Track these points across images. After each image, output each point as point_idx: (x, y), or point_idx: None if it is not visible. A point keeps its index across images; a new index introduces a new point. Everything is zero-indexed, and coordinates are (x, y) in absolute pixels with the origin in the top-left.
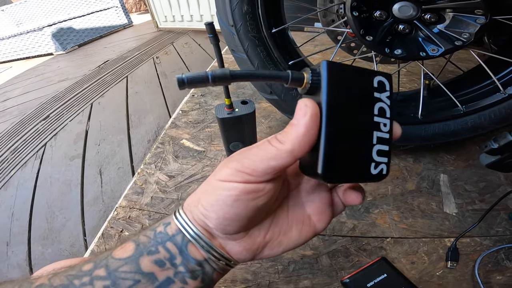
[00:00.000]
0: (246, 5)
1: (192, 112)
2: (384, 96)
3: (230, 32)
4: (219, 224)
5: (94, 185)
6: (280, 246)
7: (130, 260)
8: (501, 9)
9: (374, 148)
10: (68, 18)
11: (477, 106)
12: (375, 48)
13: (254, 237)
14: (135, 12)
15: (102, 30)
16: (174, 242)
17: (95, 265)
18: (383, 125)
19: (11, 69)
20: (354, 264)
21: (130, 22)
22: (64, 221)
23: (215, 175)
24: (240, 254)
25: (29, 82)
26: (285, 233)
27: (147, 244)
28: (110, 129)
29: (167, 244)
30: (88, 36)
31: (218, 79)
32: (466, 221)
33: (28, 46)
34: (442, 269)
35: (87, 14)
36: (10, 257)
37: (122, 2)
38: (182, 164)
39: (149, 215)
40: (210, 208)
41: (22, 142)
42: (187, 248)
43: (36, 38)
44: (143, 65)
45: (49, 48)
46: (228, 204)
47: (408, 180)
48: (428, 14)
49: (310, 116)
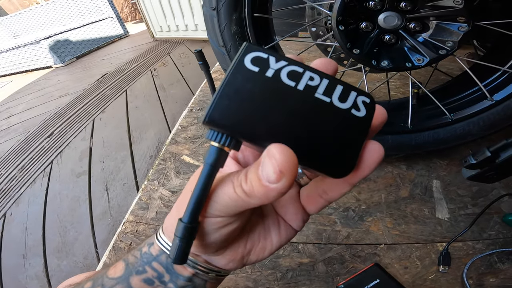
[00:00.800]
0: (234, 25)
1: (191, 127)
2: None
3: (221, 53)
4: (197, 249)
5: (102, 201)
6: (264, 251)
7: (121, 280)
8: (484, 15)
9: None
10: (64, 30)
11: (465, 114)
12: (362, 60)
13: (235, 249)
14: (131, 21)
15: (99, 41)
16: (159, 261)
17: (93, 284)
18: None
19: (11, 83)
20: (349, 270)
21: (126, 32)
22: (76, 234)
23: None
24: (227, 266)
25: (31, 97)
26: (265, 238)
27: (135, 264)
28: (113, 145)
29: (153, 264)
30: (85, 48)
31: None
32: (459, 226)
33: (27, 59)
34: (434, 273)
35: (83, 26)
36: (28, 269)
37: (117, 13)
38: (184, 179)
39: (155, 229)
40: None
41: (30, 160)
42: (172, 267)
43: (34, 51)
44: (141, 78)
45: (47, 61)
46: (200, 233)
47: (401, 187)
48: (413, 23)
49: (286, 186)
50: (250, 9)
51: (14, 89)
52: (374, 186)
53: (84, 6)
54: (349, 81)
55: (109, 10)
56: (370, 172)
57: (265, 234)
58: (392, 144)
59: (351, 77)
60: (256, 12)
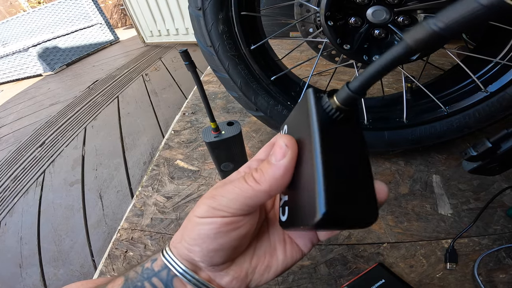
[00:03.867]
0: (221, 24)
1: (184, 132)
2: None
3: (209, 53)
4: (204, 256)
5: (96, 209)
6: (269, 271)
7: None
8: None
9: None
10: (52, 37)
11: (461, 106)
12: (353, 56)
13: (240, 264)
14: (121, 27)
15: (88, 48)
16: (160, 277)
17: None
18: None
19: (2, 92)
20: (352, 271)
21: (116, 38)
22: (72, 243)
23: (194, 212)
24: (230, 284)
25: (22, 106)
26: (271, 255)
27: (134, 280)
28: (105, 153)
29: (153, 279)
30: (75, 55)
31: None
32: (463, 221)
33: (16, 68)
34: (441, 271)
35: (71, 32)
36: (25, 279)
37: (106, 19)
38: (178, 184)
39: (151, 236)
40: (193, 242)
41: (22, 170)
42: (172, 283)
43: (23, 59)
44: (133, 84)
45: (37, 69)
46: (210, 237)
47: (401, 183)
48: (401, 17)
49: (291, 159)
50: (237, 7)
51: (4, 99)
52: None
53: (72, 13)
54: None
55: (98, 16)
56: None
57: (270, 251)
58: (389, 139)
59: (343, 74)
60: (243, 11)
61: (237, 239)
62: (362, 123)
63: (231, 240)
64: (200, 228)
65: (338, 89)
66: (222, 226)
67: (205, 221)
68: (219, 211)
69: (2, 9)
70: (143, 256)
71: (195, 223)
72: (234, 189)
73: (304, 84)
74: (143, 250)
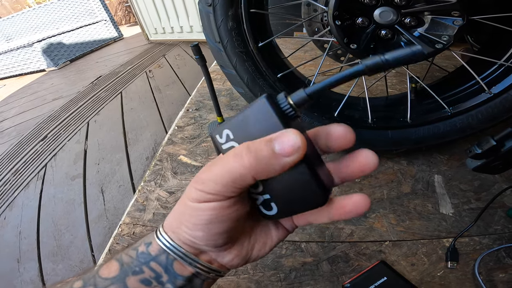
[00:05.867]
0: (231, 21)
1: (187, 128)
2: None
3: (217, 49)
4: (209, 240)
5: (97, 203)
6: (266, 246)
7: (116, 280)
8: (477, 9)
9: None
10: (57, 33)
11: (464, 107)
12: (359, 55)
13: (241, 242)
14: (125, 24)
15: (92, 44)
16: (158, 261)
17: (84, 283)
18: None
19: (4, 87)
20: (355, 269)
21: (120, 35)
22: (71, 238)
23: (188, 196)
24: (232, 262)
25: (24, 101)
26: (266, 233)
27: (131, 265)
28: (108, 147)
29: (151, 264)
30: (79, 51)
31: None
32: (464, 221)
33: (20, 63)
34: (442, 269)
35: (76, 29)
36: (23, 274)
37: (111, 16)
38: (181, 180)
39: (153, 231)
40: (194, 228)
41: (23, 163)
42: (172, 267)
43: (27, 55)
44: (136, 80)
45: (41, 64)
46: (212, 221)
47: (403, 183)
48: (408, 18)
49: (294, 161)
50: (246, 5)
51: (7, 93)
52: (375, 182)
53: (77, 9)
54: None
55: (103, 13)
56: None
57: (265, 230)
58: (392, 138)
59: None
60: (252, 8)
61: (239, 219)
62: (366, 121)
63: (233, 221)
64: (201, 214)
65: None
66: (221, 210)
67: (203, 206)
68: (210, 195)
69: (8, 5)
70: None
71: (193, 208)
72: (221, 170)
73: (309, 82)
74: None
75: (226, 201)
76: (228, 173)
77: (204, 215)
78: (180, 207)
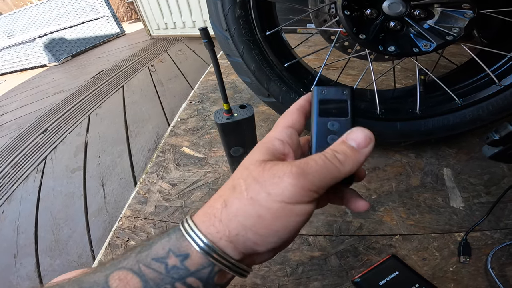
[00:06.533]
0: (238, 9)
1: (190, 119)
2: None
3: (224, 37)
4: (272, 246)
5: (97, 196)
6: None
7: None
8: (487, 3)
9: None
10: (59, 28)
11: (474, 99)
12: (368, 46)
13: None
14: (127, 21)
15: (94, 40)
16: (198, 276)
17: None
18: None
19: (5, 82)
20: (364, 263)
21: (122, 31)
22: (70, 232)
23: (269, 193)
24: (264, 258)
25: (25, 95)
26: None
27: (159, 281)
28: (109, 140)
29: (188, 279)
30: (81, 47)
31: None
32: (474, 215)
33: (21, 58)
34: (455, 264)
35: (78, 24)
36: (19, 269)
37: (113, 11)
38: (184, 171)
39: (154, 224)
40: (270, 234)
41: (22, 156)
42: (214, 279)
43: (29, 50)
44: (138, 74)
45: (42, 60)
46: (296, 229)
47: (412, 176)
48: (417, 10)
49: (371, 150)
50: None
51: (7, 88)
52: (383, 175)
53: (79, 5)
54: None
55: (105, 9)
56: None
57: None
58: (401, 130)
59: (352, 69)
60: None
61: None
62: (374, 112)
63: (301, 227)
64: (292, 220)
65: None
66: (313, 211)
67: (298, 209)
68: (311, 192)
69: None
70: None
71: (283, 211)
72: (321, 169)
73: (316, 73)
74: (146, 239)
75: (315, 203)
76: (327, 171)
77: (294, 221)
78: (250, 208)
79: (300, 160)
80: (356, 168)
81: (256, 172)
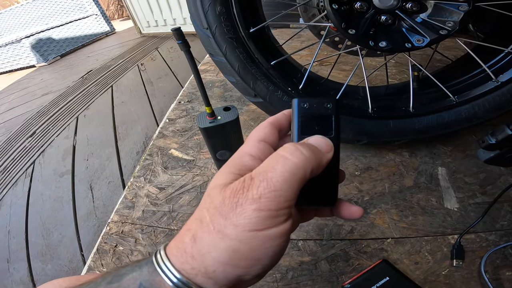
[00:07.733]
0: (219, 5)
1: (179, 120)
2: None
3: (205, 36)
4: (258, 273)
5: (86, 201)
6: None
7: None
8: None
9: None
10: (46, 28)
11: (470, 96)
12: (358, 41)
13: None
14: (118, 18)
15: (83, 39)
16: None
17: None
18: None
19: None
20: (355, 268)
21: (112, 29)
22: (60, 237)
23: (236, 225)
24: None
25: (13, 97)
26: None
27: None
28: (97, 142)
29: None
30: (69, 46)
31: None
32: (469, 216)
33: (9, 59)
34: (447, 267)
35: (66, 24)
36: (13, 274)
37: (102, 10)
38: (172, 175)
39: (142, 229)
40: (252, 264)
41: (11, 161)
42: None
43: (16, 51)
44: (128, 73)
45: (30, 60)
46: (278, 252)
47: (405, 175)
48: (409, 3)
49: (331, 157)
50: None
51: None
52: (376, 175)
53: (66, 4)
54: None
55: (93, 7)
56: None
57: None
58: (394, 128)
59: (345, 64)
60: None
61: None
62: (366, 111)
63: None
64: (269, 246)
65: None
66: (288, 233)
67: (276, 232)
68: (283, 210)
69: None
70: (133, 251)
71: (259, 240)
72: (282, 174)
73: (305, 70)
74: (134, 244)
75: (291, 220)
76: (290, 173)
77: (277, 242)
78: (220, 243)
79: (258, 175)
80: (318, 168)
81: (217, 201)
